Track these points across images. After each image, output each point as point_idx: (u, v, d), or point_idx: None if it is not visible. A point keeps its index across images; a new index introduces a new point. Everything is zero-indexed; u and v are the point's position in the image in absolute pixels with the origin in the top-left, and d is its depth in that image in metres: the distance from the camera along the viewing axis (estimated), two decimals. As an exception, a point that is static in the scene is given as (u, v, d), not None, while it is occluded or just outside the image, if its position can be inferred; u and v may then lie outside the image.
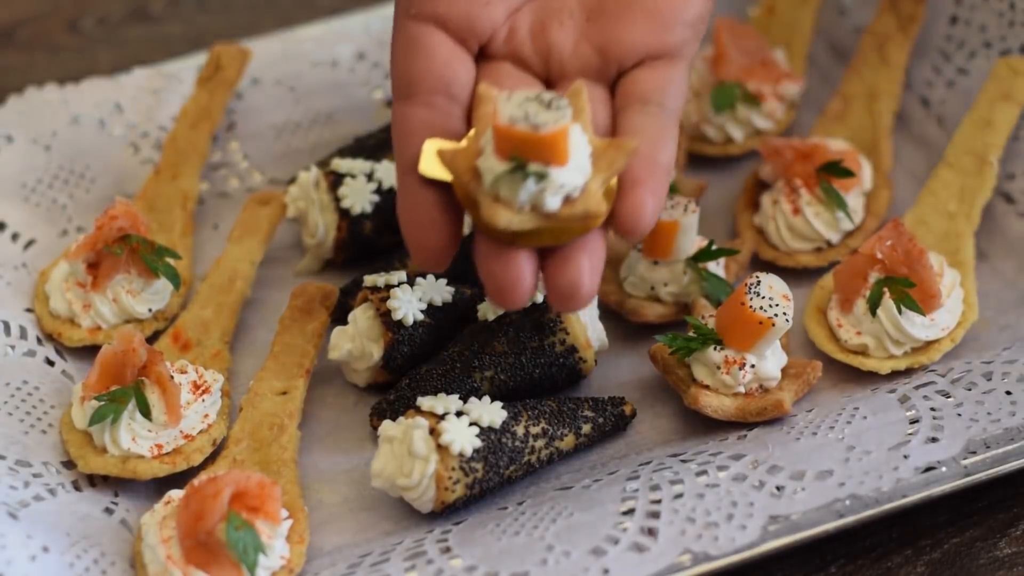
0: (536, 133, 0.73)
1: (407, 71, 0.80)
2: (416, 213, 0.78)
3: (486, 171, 0.74)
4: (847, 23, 1.12)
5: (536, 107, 0.74)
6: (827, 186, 0.98)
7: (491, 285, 0.76)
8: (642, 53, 0.82)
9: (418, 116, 0.79)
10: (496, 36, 0.82)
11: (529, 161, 0.74)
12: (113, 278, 0.94)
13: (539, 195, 0.74)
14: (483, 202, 0.74)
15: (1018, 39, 1.02)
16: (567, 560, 0.80)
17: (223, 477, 0.82)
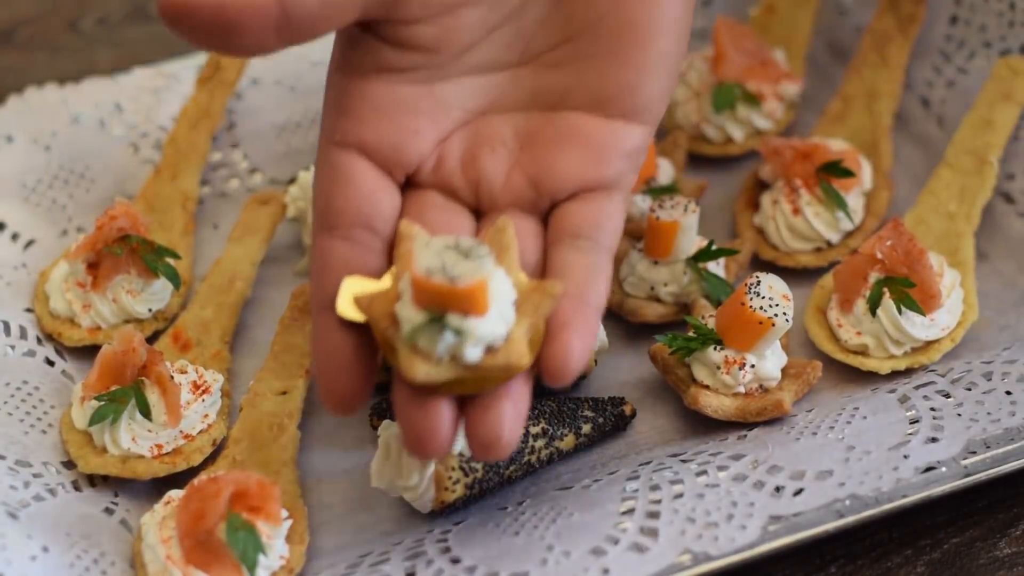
0: (453, 286, 0.70)
1: (329, 202, 0.77)
2: (330, 356, 0.74)
3: (404, 320, 0.72)
4: (847, 23, 1.12)
5: (454, 256, 0.71)
6: (827, 186, 0.98)
7: (409, 434, 0.73)
8: (576, 185, 0.79)
9: (338, 250, 0.76)
10: (424, 165, 0.79)
11: (447, 313, 0.71)
12: (113, 278, 0.94)
13: (458, 347, 0.71)
14: (401, 351, 0.72)
15: (1018, 39, 1.02)
16: (567, 560, 0.80)
17: (223, 477, 0.82)
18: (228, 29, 0.71)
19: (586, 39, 0.80)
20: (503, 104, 0.80)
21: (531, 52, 0.80)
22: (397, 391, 0.74)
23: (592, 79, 0.79)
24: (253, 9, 0.71)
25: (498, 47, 0.79)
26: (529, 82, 0.80)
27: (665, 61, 0.80)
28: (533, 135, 0.80)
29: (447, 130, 0.80)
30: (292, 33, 0.72)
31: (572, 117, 0.80)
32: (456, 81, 0.79)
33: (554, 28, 0.80)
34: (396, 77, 0.78)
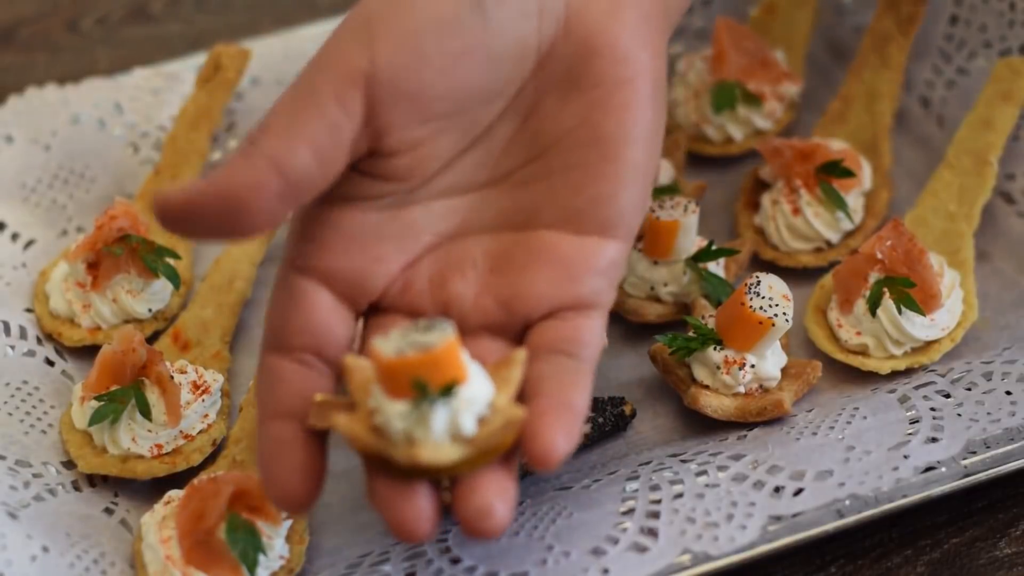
0: (428, 352, 0.69)
1: (282, 325, 0.76)
2: (283, 462, 0.73)
3: (390, 420, 0.70)
4: (847, 23, 1.12)
5: (416, 334, 0.70)
6: (827, 186, 0.98)
7: (395, 523, 0.71)
8: (549, 306, 0.77)
9: (288, 370, 0.75)
10: (390, 289, 0.78)
11: (428, 391, 0.70)
12: (113, 278, 0.94)
13: (453, 417, 0.70)
14: (398, 452, 0.70)
15: (1018, 39, 1.01)
16: (567, 560, 0.80)
17: (223, 477, 0.82)
18: (234, 213, 0.70)
19: (554, 155, 0.78)
20: (473, 225, 0.79)
21: (500, 172, 0.79)
22: (375, 484, 0.72)
23: (562, 195, 0.78)
24: (256, 187, 0.70)
25: (467, 169, 0.78)
26: (499, 202, 0.79)
27: (637, 172, 0.78)
28: (503, 256, 0.78)
29: (415, 254, 0.78)
30: (296, 198, 0.72)
31: (544, 235, 0.78)
32: (425, 205, 0.78)
33: (522, 146, 0.79)
34: (364, 205, 0.76)
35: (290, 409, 0.74)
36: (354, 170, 0.75)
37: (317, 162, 0.72)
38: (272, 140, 0.71)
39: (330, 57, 0.74)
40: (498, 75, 0.76)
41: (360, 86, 0.73)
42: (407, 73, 0.74)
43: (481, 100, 0.77)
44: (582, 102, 0.78)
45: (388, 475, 0.71)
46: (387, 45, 0.74)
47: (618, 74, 0.77)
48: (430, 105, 0.75)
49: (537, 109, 0.78)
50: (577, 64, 0.78)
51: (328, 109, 0.72)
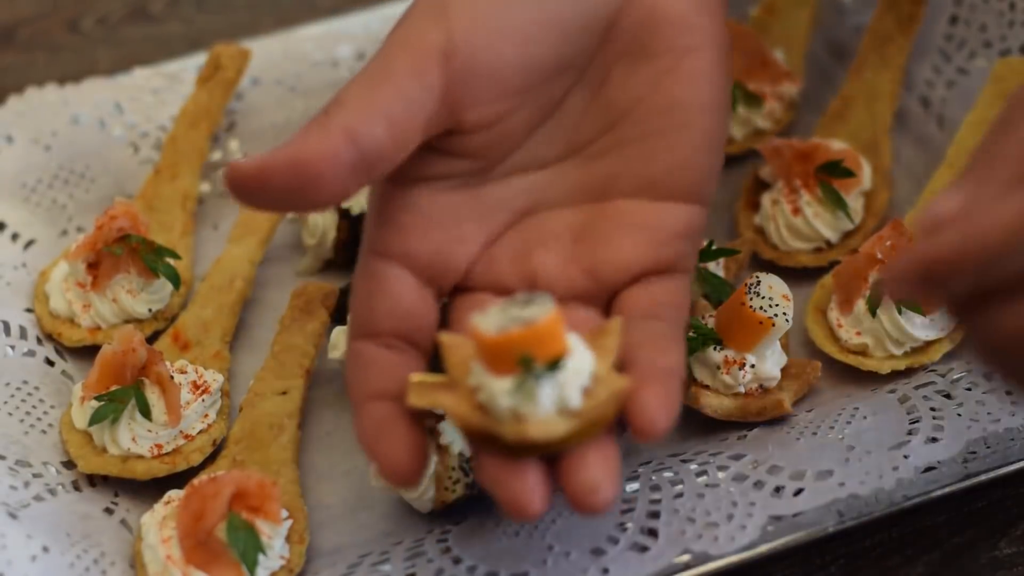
0: (531, 328, 0.69)
1: (369, 311, 0.75)
2: (389, 439, 0.72)
3: (497, 398, 0.69)
4: (847, 23, 1.12)
5: (516, 308, 0.70)
6: (827, 186, 0.98)
7: (509, 501, 0.70)
8: (636, 271, 0.77)
9: (377, 352, 0.75)
10: (473, 268, 0.78)
11: (533, 364, 0.69)
12: (113, 278, 0.94)
13: (559, 391, 0.69)
14: (506, 429, 0.69)
15: (1018, 39, 1.01)
16: (567, 560, 0.80)
17: (223, 477, 0.82)
18: (307, 184, 0.70)
19: (628, 124, 0.78)
20: (550, 200, 0.79)
21: (574, 145, 0.79)
22: (484, 463, 0.71)
23: (638, 163, 0.78)
24: (329, 157, 0.70)
25: (541, 144, 0.78)
26: (575, 175, 0.79)
27: (711, 137, 0.78)
28: (585, 226, 0.78)
29: (495, 232, 0.78)
30: (368, 172, 0.71)
31: (622, 204, 0.78)
32: (502, 182, 0.78)
33: (595, 117, 0.79)
34: (442, 184, 0.76)
35: (384, 391, 0.74)
36: (431, 149, 0.75)
37: (392, 136, 0.71)
38: (347, 112, 0.71)
39: (406, 33, 0.74)
40: (570, 47, 0.76)
41: (437, 61, 0.73)
42: (484, 47, 0.74)
43: (554, 73, 0.77)
44: (652, 70, 0.78)
45: (496, 453, 0.71)
46: (463, 20, 0.74)
47: (685, 41, 0.78)
48: (506, 79, 0.75)
49: (607, 80, 0.78)
50: (644, 33, 0.78)
51: (405, 84, 0.72)
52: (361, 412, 0.74)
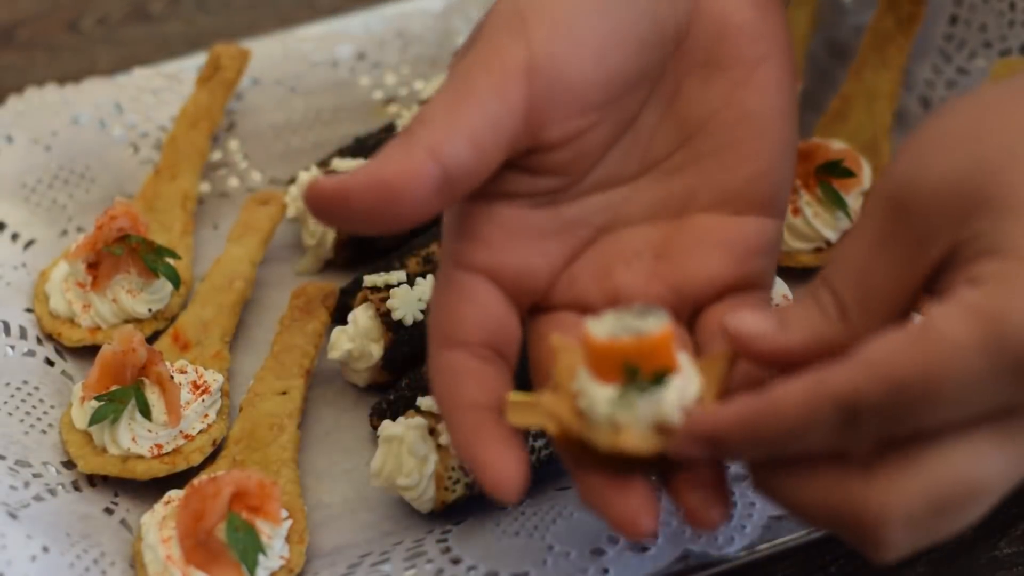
0: (643, 339, 0.68)
1: (453, 321, 0.73)
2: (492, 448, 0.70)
3: (596, 404, 0.68)
4: (847, 23, 1.12)
5: (631, 318, 0.69)
6: (827, 186, 0.98)
7: (618, 519, 0.69)
8: (719, 287, 0.76)
9: (468, 363, 0.72)
10: (555, 285, 0.76)
11: (638, 377, 0.68)
12: (113, 278, 0.94)
13: (660, 407, 0.68)
14: (600, 437, 0.68)
15: (1018, 39, 1.01)
16: (567, 560, 0.80)
17: (223, 477, 0.82)
18: (389, 203, 0.69)
19: (703, 137, 0.78)
20: (628, 217, 0.78)
21: (650, 160, 0.78)
22: (589, 483, 0.70)
23: (716, 176, 0.77)
24: (413, 177, 0.69)
25: (618, 160, 0.77)
26: (652, 191, 0.78)
27: (786, 147, 0.78)
28: (665, 243, 0.77)
29: (576, 250, 0.77)
30: (451, 191, 0.70)
31: (702, 219, 0.77)
32: (581, 200, 0.77)
33: (669, 132, 0.78)
34: (523, 201, 0.75)
35: (479, 401, 0.72)
36: (513, 167, 0.74)
37: (475, 155, 0.71)
38: (430, 131, 0.70)
39: (486, 50, 0.73)
40: (645, 59, 0.76)
41: (520, 78, 0.72)
42: (564, 62, 0.73)
43: (631, 87, 0.76)
44: (724, 82, 0.77)
45: (593, 468, 0.69)
46: (542, 34, 0.73)
47: (756, 51, 0.77)
48: (587, 95, 0.74)
49: (680, 93, 0.78)
50: (714, 44, 0.77)
51: (487, 102, 0.71)
52: (458, 422, 0.71)
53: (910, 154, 0.67)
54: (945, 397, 0.62)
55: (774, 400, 0.64)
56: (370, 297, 0.93)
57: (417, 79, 1.11)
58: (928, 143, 0.67)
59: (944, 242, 0.65)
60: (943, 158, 0.66)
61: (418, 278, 0.93)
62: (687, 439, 0.66)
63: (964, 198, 0.64)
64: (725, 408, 0.65)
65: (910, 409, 0.62)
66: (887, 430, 0.63)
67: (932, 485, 0.64)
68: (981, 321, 0.61)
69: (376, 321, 0.92)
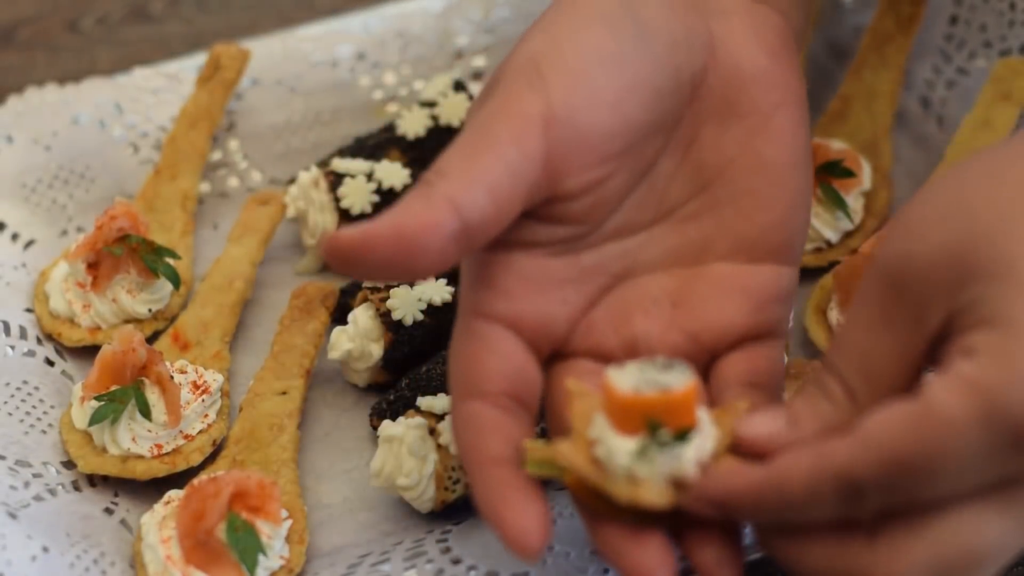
0: (668, 395, 0.68)
1: (474, 371, 0.73)
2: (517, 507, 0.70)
3: (615, 456, 0.68)
4: (847, 23, 1.12)
5: (655, 372, 0.69)
6: (827, 186, 0.98)
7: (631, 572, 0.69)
8: (737, 336, 0.76)
9: (491, 414, 0.72)
10: (573, 333, 0.77)
11: (659, 431, 0.68)
12: (113, 278, 0.94)
13: (678, 463, 0.68)
14: (618, 489, 0.69)
15: (1018, 39, 1.02)
16: (566, 560, 0.80)
17: (223, 477, 0.82)
18: (409, 255, 0.69)
19: (719, 185, 0.78)
20: (645, 264, 0.78)
21: (665, 208, 0.78)
22: (606, 535, 0.70)
23: (733, 224, 0.78)
24: (432, 228, 0.69)
25: (634, 208, 0.77)
26: (668, 239, 0.78)
27: (803, 195, 0.78)
28: (683, 291, 0.77)
29: (593, 298, 0.77)
30: (469, 242, 0.70)
31: (719, 267, 0.78)
32: (597, 248, 0.77)
33: (686, 179, 0.78)
34: (540, 250, 0.75)
35: (503, 455, 0.72)
36: (531, 216, 0.74)
37: (495, 205, 0.71)
38: (450, 182, 0.70)
39: (504, 100, 0.73)
40: (661, 108, 0.76)
41: (538, 129, 0.72)
42: (582, 112, 0.73)
43: (647, 136, 0.76)
44: (741, 130, 0.78)
45: (607, 517, 0.70)
46: (559, 85, 0.73)
47: (771, 99, 0.78)
48: (604, 144, 0.74)
49: (696, 141, 0.78)
50: (730, 92, 0.78)
51: (506, 152, 0.71)
52: (482, 478, 0.71)
53: (902, 229, 0.68)
54: (944, 471, 0.63)
55: (781, 473, 0.66)
56: (370, 297, 0.93)
57: (417, 79, 1.11)
58: (919, 217, 0.68)
59: (941, 312, 0.66)
60: (935, 230, 0.67)
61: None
62: (700, 501, 0.68)
63: (957, 268, 0.65)
64: (736, 475, 0.67)
65: (910, 483, 0.64)
66: (889, 502, 0.65)
67: (937, 552, 0.65)
68: (975, 395, 0.62)
69: (376, 321, 0.92)
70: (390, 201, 0.99)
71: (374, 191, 0.99)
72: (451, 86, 1.06)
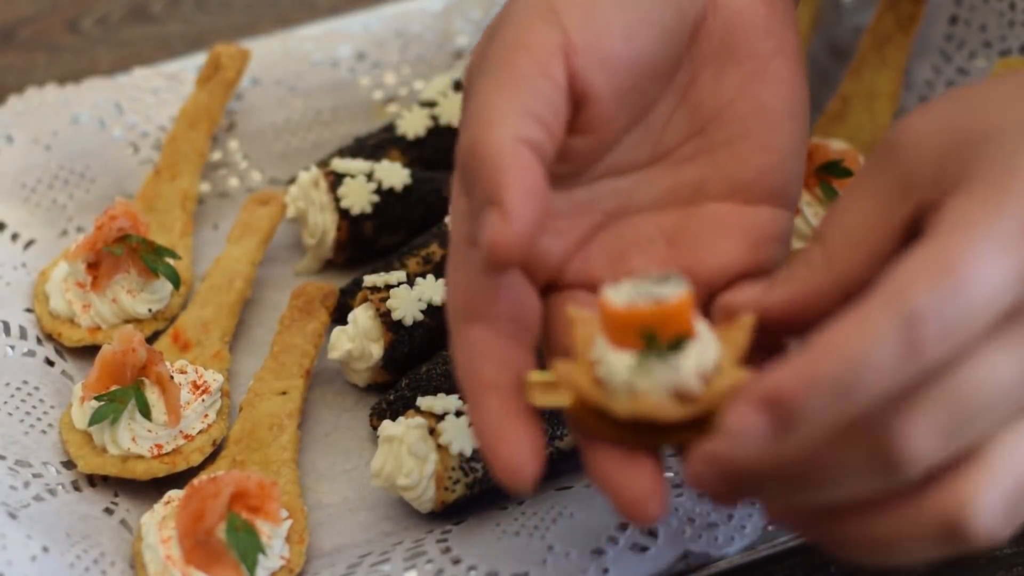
0: (661, 305, 0.68)
1: (473, 297, 0.73)
2: (511, 436, 0.69)
3: (614, 371, 0.68)
4: (847, 23, 1.12)
5: (650, 285, 0.69)
6: (827, 186, 0.98)
7: (624, 499, 0.68)
8: (734, 272, 0.76)
9: (492, 339, 0.72)
10: (568, 267, 0.77)
11: (656, 343, 0.68)
12: (113, 278, 0.94)
13: (679, 374, 0.67)
14: (618, 404, 0.68)
15: (1018, 39, 1.02)
16: (567, 560, 0.80)
17: (223, 477, 0.82)
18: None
19: (716, 128, 0.78)
20: (639, 204, 0.78)
21: (661, 149, 0.79)
22: (599, 459, 0.70)
23: (728, 167, 0.78)
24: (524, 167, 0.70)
25: (630, 149, 0.78)
26: (664, 179, 0.78)
27: (798, 141, 0.79)
28: (678, 230, 0.77)
29: (587, 232, 0.77)
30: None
31: (715, 207, 0.78)
32: (591, 186, 0.77)
33: (682, 121, 0.79)
34: None
35: (501, 380, 0.71)
36: None
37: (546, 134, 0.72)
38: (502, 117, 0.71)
39: (523, 35, 0.74)
40: (666, 47, 0.77)
41: (560, 58, 0.73)
42: (598, 42, 0.74)
43: (652, 74, 0.77)
44: (739, 74, 0.78)
45: (606, 442, 0.69)
46: (574, 18, 0.74)
47: (769, 47, 0.78)
48: (619, 77, 0.75)
49: (694, 84, 0.79)
50: (729, 36, 0.78)
51: (537, 82, 0.72)
52: (478, 405, 0.71)
53: (909, 114, 0.70)
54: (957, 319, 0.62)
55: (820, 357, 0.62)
56: (370, 297, 0.93)
57: (417, 79, 1.11)
58: (927, 104, 0.70)
59: (927, 181, 0.66)
60: (937, 109, 0.68)
61: (418, 278, 0.93)
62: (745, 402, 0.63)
63: (948, 137, 0.67)
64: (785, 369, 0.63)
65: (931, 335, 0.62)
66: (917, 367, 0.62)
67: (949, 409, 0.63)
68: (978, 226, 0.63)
69: (376, 321, 0.92)
70: (390, 201, 0.99)
71: (374, 191, 0.99)
72: (451, 86, 1.06)
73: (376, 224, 0.99)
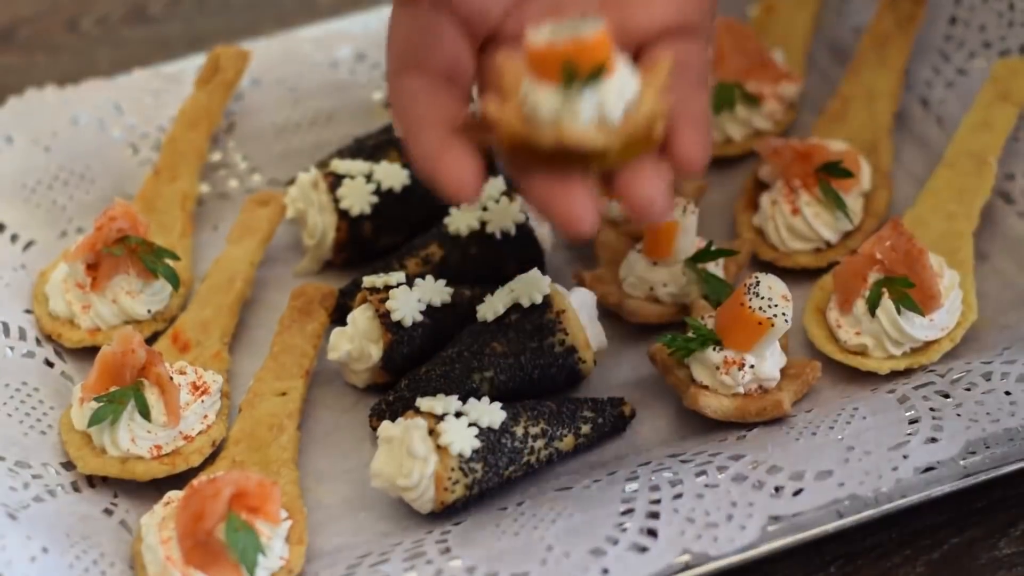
0: (579, 40, 0.72)
1: (411, 48, 0.79)
2: (448, 158, 0.76)
3: (539, 104, 0.73)
4: (847, 23, 1.12)
5: (569, 25, 0.73)
6: (826, 186, 0.98)
7: (564, 216, 0.74)
8: (661, 28, 0.80)
9: (425, 86, 0.78)
10: (506, 22, 0.81)
11: (577, 76, 0.72)
12: (112, 279, 0.94)
13: (600, 104, 0.72)
14: (545, 134, 0.72)
15: (1018, 39, 1.02)
16: (567, 560, 0.80)
17: (223, 478, 0.82)
18: None
19: None
20: None
21: None
22: (535, 186, 0.74)
23: None
24: None
25: None
26: None
27: None
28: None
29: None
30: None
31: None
32: None
33: None
34: None
35: (438, 119, 0.77)
36: None
37: None
38: None
39: None
40: None
41: None
42: None
43: None
44: None
45: (538, 171, 0.74)
46: None
47: None
48: None
49: None
50: None
51: None
52: (417, 138, 0.77)
53: None
54: None
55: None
56: (369, 298, 0.93)
57: (417, 79, 1.11)
58: None
59: None
60: None
61: (417, 279, 0.93)
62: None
63: None
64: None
65: None
66: None
67: None
68: None
69: (375, 322, 0.92)
70: (389, 202, 0.99)
71: (373, 192, 0.99)
72: (451, 86, 1.06)
73: (375, 225, 0.99)
